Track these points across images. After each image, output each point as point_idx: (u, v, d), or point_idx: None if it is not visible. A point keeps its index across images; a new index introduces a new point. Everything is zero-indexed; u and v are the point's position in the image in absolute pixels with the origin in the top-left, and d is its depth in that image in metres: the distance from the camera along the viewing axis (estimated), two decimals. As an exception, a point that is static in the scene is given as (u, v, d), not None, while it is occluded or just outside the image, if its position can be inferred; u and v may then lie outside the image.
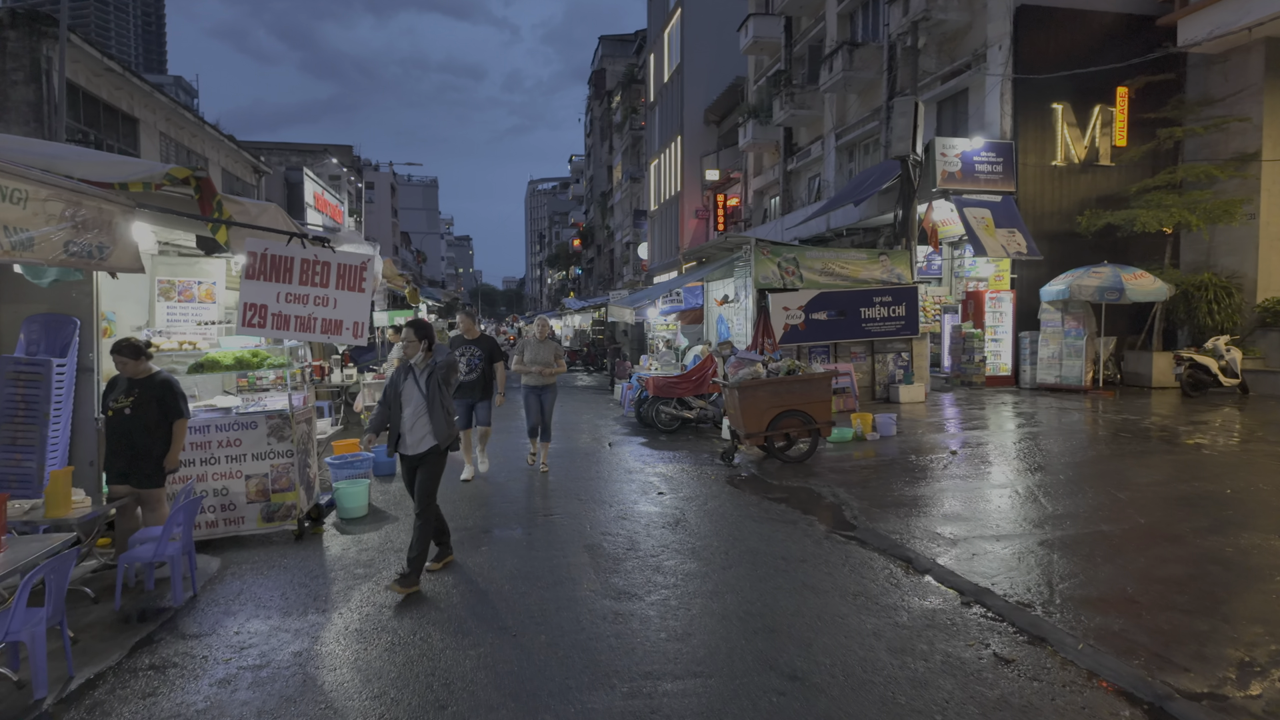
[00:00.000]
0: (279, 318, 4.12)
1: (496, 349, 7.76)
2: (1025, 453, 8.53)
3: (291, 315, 4.13)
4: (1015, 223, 14.32)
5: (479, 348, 7.67)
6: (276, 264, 4.11)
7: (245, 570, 5.06)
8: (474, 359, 7.58)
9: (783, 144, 25.90)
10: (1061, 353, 13.98)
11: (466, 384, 7.53)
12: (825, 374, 8.71)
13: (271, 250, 4.17)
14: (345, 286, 4.13)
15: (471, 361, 7.55)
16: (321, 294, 4.16)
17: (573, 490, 7.27)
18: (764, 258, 12.63)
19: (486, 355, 7.65)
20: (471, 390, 7.61)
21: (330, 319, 4.16)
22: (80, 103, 17.71)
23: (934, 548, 5.31)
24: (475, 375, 7.57)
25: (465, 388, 7.54)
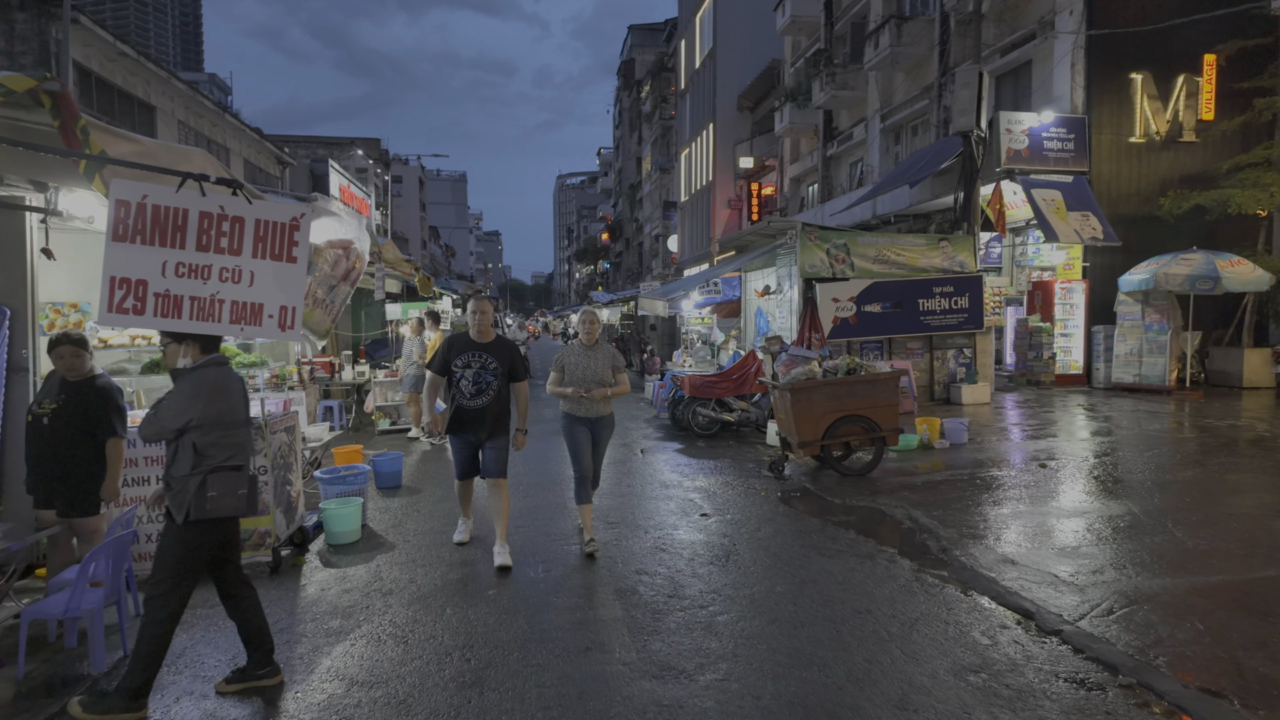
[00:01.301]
0: (165, 300, 2.81)
1: (519, 360, 5.16)
2: (1129, 466, 7.30)
3: (185, 297, 2.82)
4: (1089, 205, 12.94)
5: (494, 356, 5.01)
6: (160, 220, 2.81)
7: (197, 619, 4.11)
8: (484, 374, 4.97)
9: (822, 128, 24.57)
10: (1141, 349, 12.59)
11: (470, 413, 4.96)
12: (892, 374, 7.56)
13: (153, 199, 2.86)
14: (267, 254, 2.85)
15: (481, 379, 4.95)
16: (231, 265, 2.85)
17: (601, 510, 6.24)
18: (811, 244, 11.46)
19: (505, 370, 5.03)
20: (477, 422, 4.98)
21: (244, 302, 2.85)
22: (93, 88, 17.12)
23: (1057, 596, 4.17)
24: (485, 400, 4.97)
25: (469, 419, 4.97)
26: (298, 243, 2.79)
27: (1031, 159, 13.28)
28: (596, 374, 5.11)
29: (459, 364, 4.95)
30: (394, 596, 4.34)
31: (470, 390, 4.95)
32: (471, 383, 4.95)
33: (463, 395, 4.93)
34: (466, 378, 4.94)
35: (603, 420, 5.28)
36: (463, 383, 4.93)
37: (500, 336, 5.15)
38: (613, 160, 74.95)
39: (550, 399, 14.54)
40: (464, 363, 4.96)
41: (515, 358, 5.08)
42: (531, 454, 8.88)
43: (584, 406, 5.13)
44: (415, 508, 6.40)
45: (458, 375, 4.94)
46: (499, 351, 5.05)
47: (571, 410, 5.18)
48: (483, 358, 4.99)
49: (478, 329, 5.02)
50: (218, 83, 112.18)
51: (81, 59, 16.50)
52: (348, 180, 33.96)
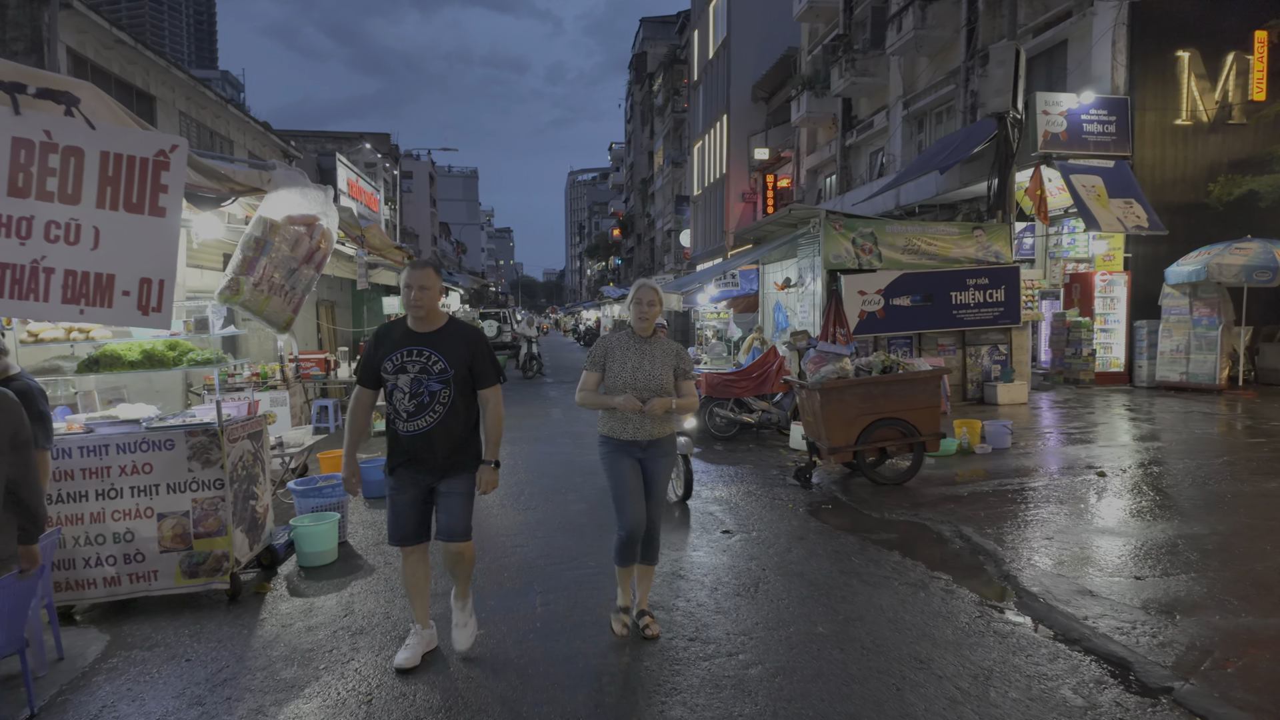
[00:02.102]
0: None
1: (484, 356, 3.36)
2: (1198, 476, 6.54)
3: (-12, 264, 2.01)
4: (1132, 191, 12.11)
5: (440, 353, 3.26)
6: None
7: (132, 661, 3.47)
8: (426, 381, 3.25)
9: (840, 117, 23.75)
10: (1189, 345, 11.76)
11: (410, 441, 3.29)
12: (933, 373, 6.83)
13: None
14: (120, 203, 2.01)
15: (421, 388, 3.24)
16: (64, 217, 1.99)
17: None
18: (835, 233, 10.73)
19: (460, 373, 3.29)
20: (421, 456, 3.29)
21: (84, 272, 2.01)
22: (89, 77, 16.58)
23: (1153, 640, 3.45)
24: (430, 421, 3.26)
25: (409, 450, 3.30)
26: (167, 187, 2.06)
27: (1070, 143, 12.47)
28: (653, 379, 3.48)
29: (389, 367, 3.23)
30: (365, 637, 3.68)
31: (407, 406, 3.22)
32: (408, 394, 3.21)
33: (398, 415, 3.26)
34: (401, 387, 3.21)
35: (659, 446, 3.59)
36: (397, 396, 3.24)
37: (455, 321, 3.37)
38: (624, 155, 74.21)
39: (567, 402, 13.89)
40: (395, 365, 3.22)
41: (478, 352, 3.30)
42: (530, 450, 8.22)
43: (633, 425, 3.51)
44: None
45: (389, 384, 3.25)
46: (449, 345, 3.25)
47: (614, 431, 3.54)
48: (424, 356, 3.21)
49: (417, 313, 3.23)
50: (230, 80, 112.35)
51: (76, 46, 15.98)
52: (356, 175, 33.45)
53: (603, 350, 3.59)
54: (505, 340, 27.58)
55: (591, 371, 3.59)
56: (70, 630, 3.82)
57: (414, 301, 3.22)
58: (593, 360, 3.60)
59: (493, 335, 27.16)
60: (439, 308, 3.33)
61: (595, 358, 3.59)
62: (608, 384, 3.54)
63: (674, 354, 3.60)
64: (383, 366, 3.27)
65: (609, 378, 3.54)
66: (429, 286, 3.24)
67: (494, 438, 3.39)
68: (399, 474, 3.33)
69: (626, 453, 3.56)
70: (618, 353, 3.55)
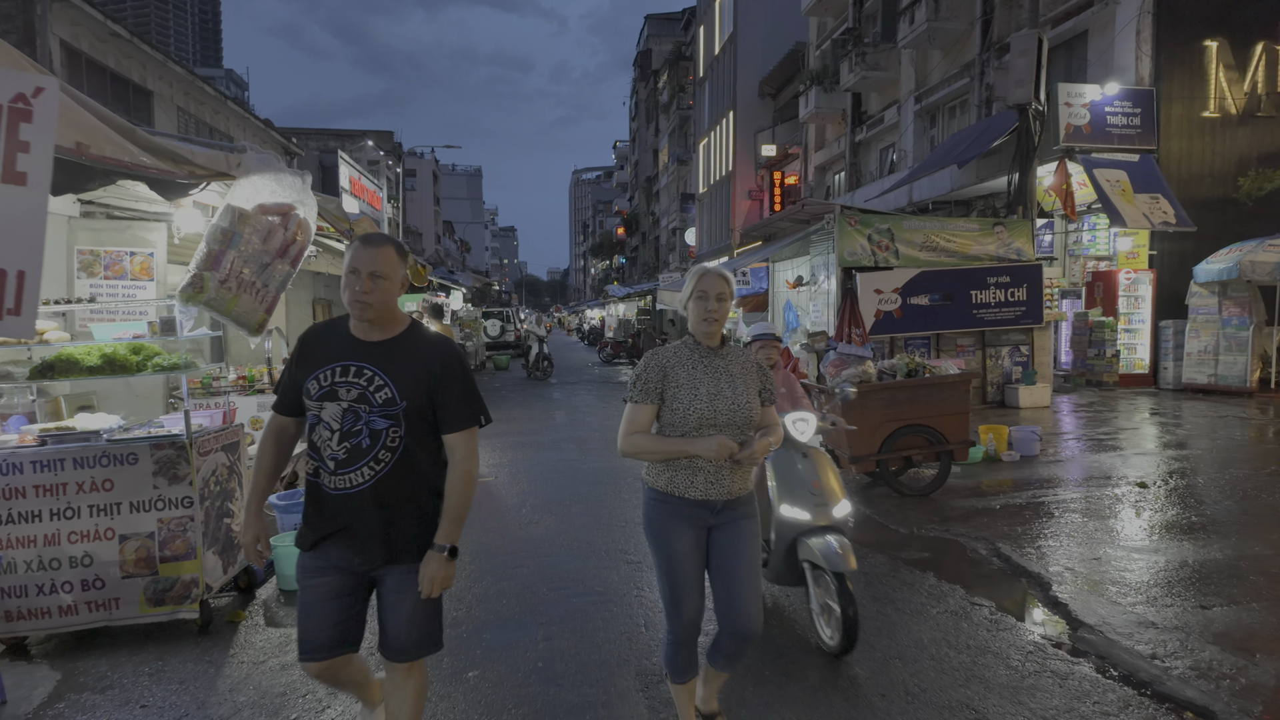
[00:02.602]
0: None
1: (455, 376, 2.23)
2: (1249, 487, 6.10)
3: None
4: (1158, 187, 11.66)
5: (385, 374, 2.18)
6: None
7: (81, 707, 3.08)
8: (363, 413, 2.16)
9: (850, 112, 23.29)
10: (1218, 346, 11.31)
11: (336, 502, 2.18)
12: (962, 376, 6.42)
13: None
14: None
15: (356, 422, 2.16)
16: None
17: (617, 541, 5.16)
18: (850, 229, 10.29)
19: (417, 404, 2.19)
20: (360, 525, 2.18)
21: None
22: (84, 71, 16.24)
23: (1234, 686, 3.04)
24: (369, 476, 2.16)
25: (335, 515, 2.19)
26: (30, 145, 1.58)
27: (1093, 136, 12.01)
28: (739, 409, 2.44)
29: (313, 389, 2.16)
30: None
31: (336, 451, 2.15)
32: (337, 432, 2.15)
33: (322, 463, 2.18)
34: (328, 421, 2.15)
35: (739, 507, 2.52)
36: (321, 434, 2.17)
37: (418, 329, 2.30)
38: (629, 153, 73.80)
39: (572, 404, 13.52)
40: (322, 387, 2.16)
41: (447, 376, 2.20)
42: (533, 457, 7.81)
43: (706, 478, 2.43)
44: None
45: (312, 415, 2.19)
46: (404, 363, 2.19)
47: (675, 487, 2.45)
48: (364, 378, 2.15)
49: (363, 313, 2.16)
50: (234, 78, 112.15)
51: (70, 39, 15.64)
52: (358, 172, 33.12)
53: (657, 372, 2.44)
54: (508, 340, 27.20)
55: (642, 404, 2.42)
56: (18, 667, 3.43)
57: (360, 295, 2.10)
58: (642, 386, 2.43)
59: (496, 334, 26.77)
60: (397, 308, 2.25)
61: (646, 382, 2.43)
62: (671, 420, 2.42)
63: (756, 370, 2.54)
64: (305, 388, 2.14)
65: (672, 411, 2.42)
66: (385, 274, 2.12)
67: (456, 510, 2.16)
68: (320, 552, 2.19)
69: (690, 520, 2.45)
70: (681, 374, 2.43)
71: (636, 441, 2.42)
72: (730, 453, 2.33)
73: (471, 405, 2.25)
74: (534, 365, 18.64)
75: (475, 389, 2.27)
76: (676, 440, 2.40)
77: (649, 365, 2.48)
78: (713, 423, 2.40)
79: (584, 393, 15.34)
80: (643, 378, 2.46)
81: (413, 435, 2.18)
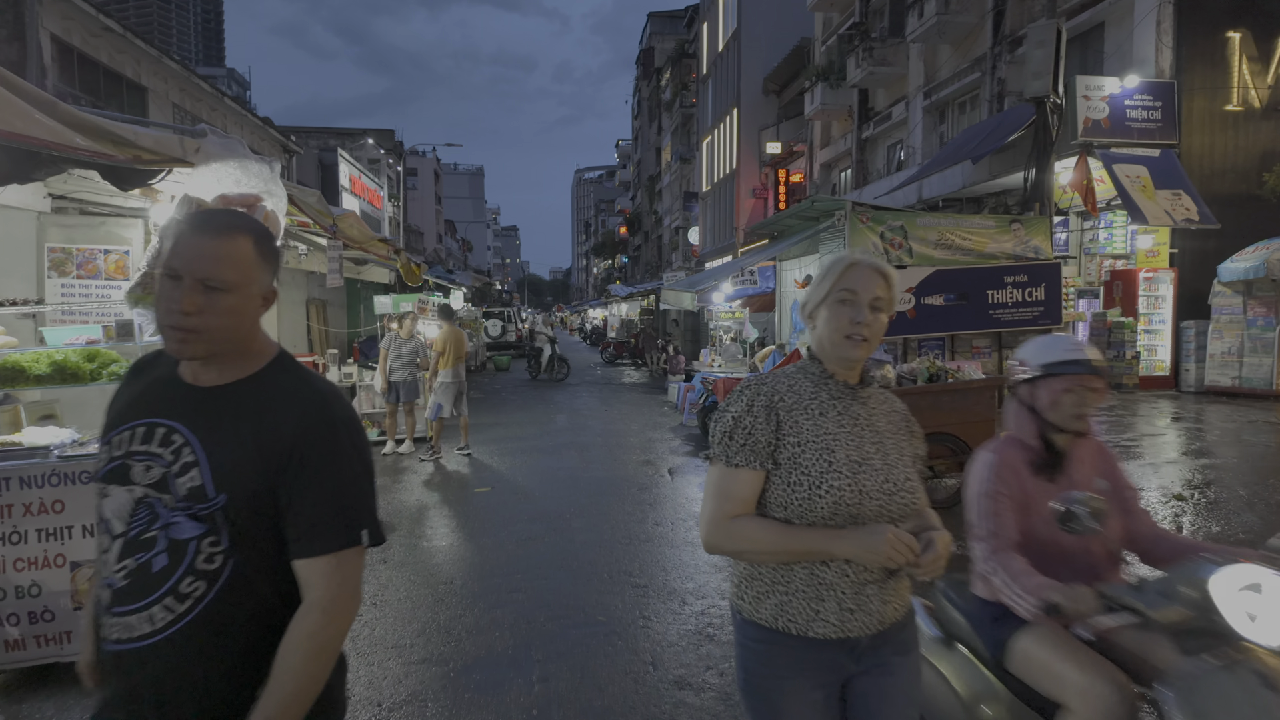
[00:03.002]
0: None
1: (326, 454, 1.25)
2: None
3: None
4: (1180, 183, 11.26)
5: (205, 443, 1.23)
6: None
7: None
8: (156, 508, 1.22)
9: (857, 109, 22.91)
10: (1242, 347, 10.91)
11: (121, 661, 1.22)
12: (987, 381, 6.07)
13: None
14: None
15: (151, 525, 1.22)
16: None
17: (621, 560, 4.79)
18: (862, 226, 9.90)
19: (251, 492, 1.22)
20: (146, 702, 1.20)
21: None
22: (76, 66, 15.91)
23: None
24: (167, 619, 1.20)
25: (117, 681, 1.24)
26: None
27: (1113, 130, 11.62)
28: (894, 486, 1.56)
29: (103, 459, 1.30)
30: None
31: (113, 573, 1.24)
32: (120, 538, 1.24)
33: (101, 588, 1.26)
34: (110, 516, 1.25)
35: (892, 640, 1.59)
36: (99, 538, 1.28)
37: (281, 364, 1.35)
38: (631, 152, 73.47)
39: (574, 407, 13.21)
40: (114, 456, 1.28)
41: (312, 453, 1.25)
42: (532, 464, 7.46)
43: (835, 603, 1.52)
44: (384, 553, 4.99)
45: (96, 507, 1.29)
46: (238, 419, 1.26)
47: (786, 618, 1.54)
48: (175, 445, 1.25)
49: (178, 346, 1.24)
50: (236, 77, 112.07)
51: (61, 33, 15.31)
52: (359, 171, 32.86)
53: (767, 416, 1.53)
54: (509, 340, 26.85)
55: (744, 468, 1.52)
56: None
57: (179, 318, 1.22)
58: (744, 439, 1.53)
59: (497, 335, 26.43)
60: (255, 333, 1.33)
61: (750, 432, 1.53)
62: (784, 499, 1.51)
63: (906, 426, 1.67)
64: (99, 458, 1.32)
65: (788, 485, 1.51)
66: (227, 284, 1.23)
67: (285, 699, 1.19)
68: None
69: (818, 672, 1.54)
70: (804, 423, 1.54)
71: (740, 531, 1.48)
72: (905, 557, 1.38)
73: (346, 510, 1.26)
74: (547, 367, 18.01)
75: (360, 478, 1.29)
76: (809, 533, 1.46)
77: (753, 403, 1.52)
78: (855, 510, 1.47)
79: (586, 395, 14.99)
80: (743, 424, 1.51)
81: (247, 555, 1.24)
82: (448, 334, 8.12)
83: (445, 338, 8.08)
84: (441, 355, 8.03)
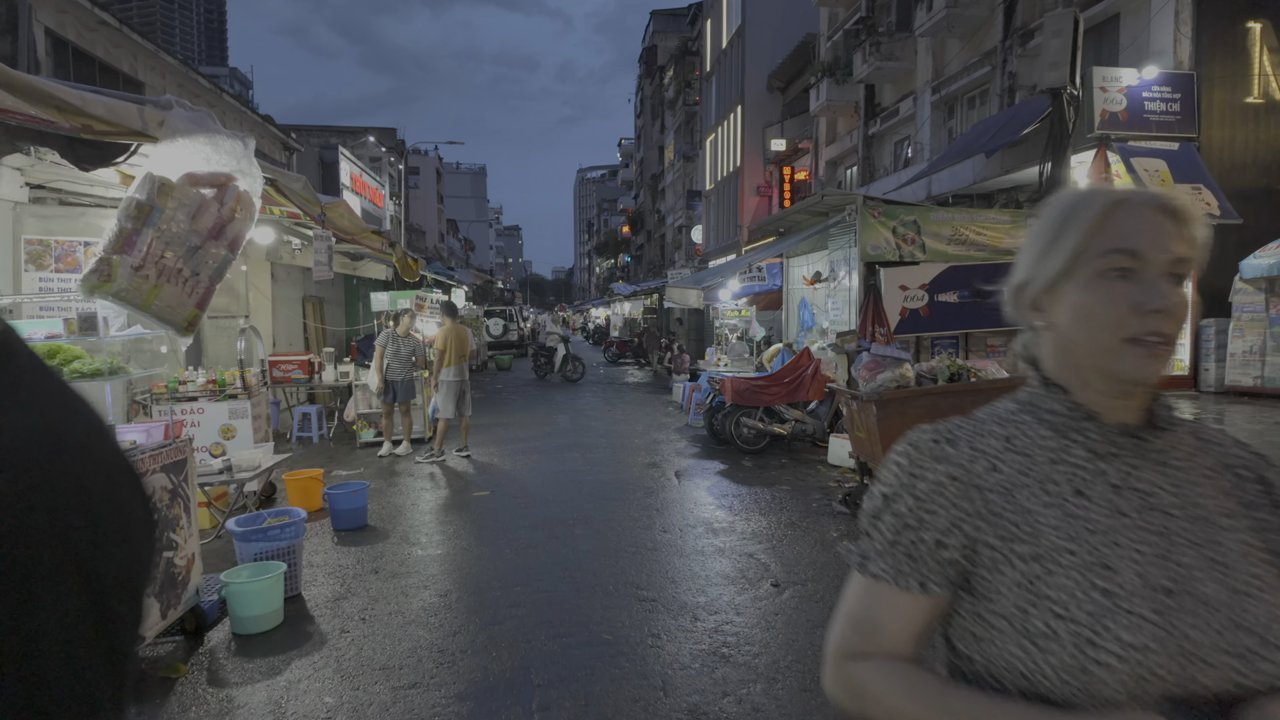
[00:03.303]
0: None
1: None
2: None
3: None
4: (1200, 177, 10.94)
5: None
6: None
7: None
8: None
9: (863, 104, 22.59)
10: (1265, 346, 10.59)
11: None
12: (1011, 380, 5.74)
13: None
14: None
15: None
16: None
17: (626, 572, 4.50)
18: (874, 221, 9.62)
19: None
20: None
21: None
22: (71, 61, 15.65)
23: None
24: None
25: None
26: None
27: (1130, 123, 11.30)
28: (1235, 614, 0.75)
29: None
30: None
31: None
32: None
33: None
34: None
35: None
36: None
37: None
38: (633, 151, 73.16)
39: (576, 407, 12.81)
40: None
41: None
42: (533, 466, 7.16)
43: None
44: (376, 562, 4.71)
45: None
46: None
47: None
48: None
49: None
50: (238, 76, 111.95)
51: (56, 27, 15.06)
52: (360, 169, 32.60)
53: (949, 500, 0.83)
54: (511, 339, 26.58)
55: (887, 583, 0.83)
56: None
57: None
58: (892, 534, 0.85)
59: (499, 334, 26.16)
60: None
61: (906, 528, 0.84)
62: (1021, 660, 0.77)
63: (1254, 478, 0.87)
64: None
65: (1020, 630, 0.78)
66: None
67: None
68: None
69: None
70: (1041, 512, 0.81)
71: (869, 688, 0.82)
72: None
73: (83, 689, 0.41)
74: (560, 367, 17.64)
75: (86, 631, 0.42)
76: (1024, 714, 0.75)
77: (921, 472, 0.86)
78: (1174, 684, 0.74)
79: (589, 394, 14.70)
80: (898, 508, 0.86)
81: None
82: (449, 331, 7.82)
83: (447, 335, 7.77)
84: (444, 353, 7.72)
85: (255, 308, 8.98)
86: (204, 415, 5.97)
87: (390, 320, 8.53)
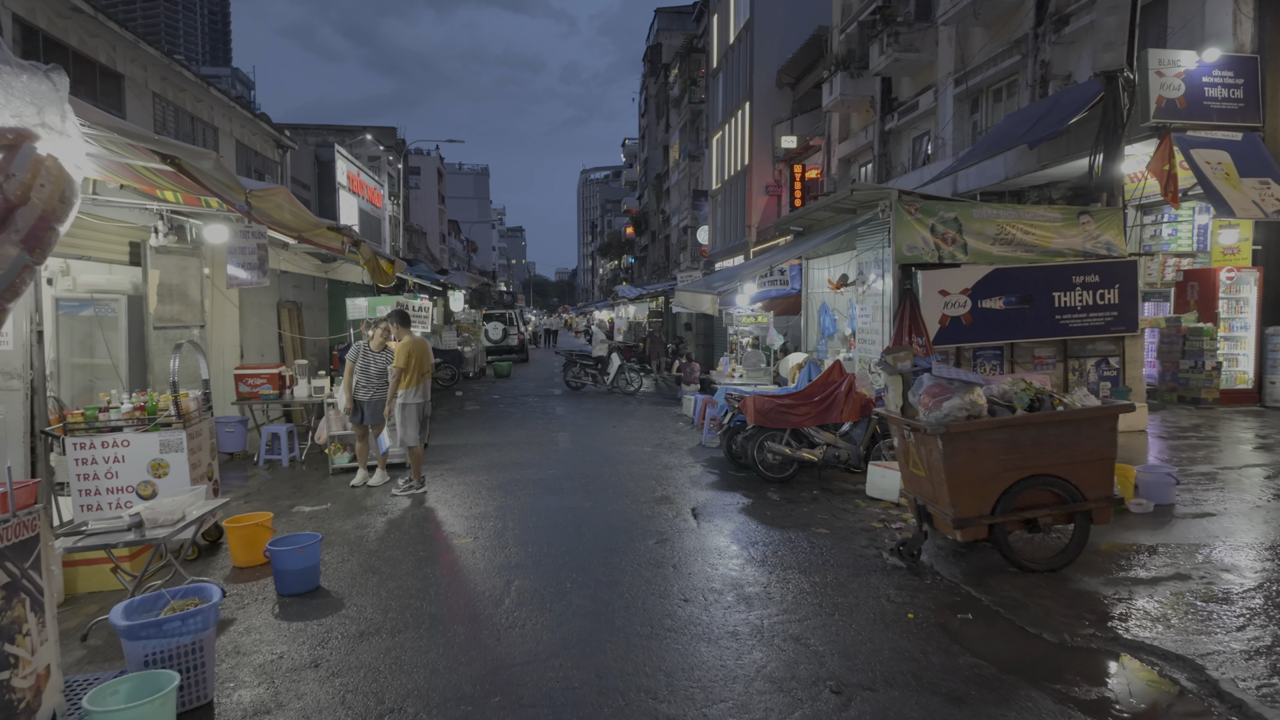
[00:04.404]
0: None
1: None
2: None
3: None
4: (1268, 169, 9.89)
5: None
6: None
7: None
8: None
9: (879, 98, 21.56)
10: (1340, 358, 9.55)
11: None
12: (1105, 410, 4.72)
13: None
14: None
15: None
16: None
17: (639, 666, 3.49)
18: (910, 218, 8.60)
19: None
20: None
21: None
22: (41, 51, 14.68)
23: None
24: None
25: None
26: None
27: (1189, 111, 10.26)
28: None
29: None
30: None
31: None
32: None
33: None
34: None
35: None
36: None
37: None
38: (638, 151, 72.17)
39: (576, 423, 11.53)
40: None
41: None
42: (528, 504, 6.14)
43: None
44: (319, 649, 3.70)
45: None
46: None
47: None
48: None
49: None
50: (240, 77, 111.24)
51: (25, 14, 14.11)
52: (357, 168, 31.64)
53: None
54: (511, 344, 25.59)
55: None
56: None
57: None
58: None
59: (498, 338, 25.18)
60: None
61: None
62: None
63: None
64: None
65: None
66: None
67: None
68: None
69: None
70: None
71: None
72: None
73: None
74: (615, 379, 15.91)
75: None
76: None
77: None
78: None
79: (590, 407, 13.66)
80: None
81: None
82: (409, 346, 6.72)
83: (408, 350, 6.68)
84: (404, 372, 6.64)
85: (219, 316, 7.99)
86: (129, 449, 4.98)
87: (369, 329, 7.53)
